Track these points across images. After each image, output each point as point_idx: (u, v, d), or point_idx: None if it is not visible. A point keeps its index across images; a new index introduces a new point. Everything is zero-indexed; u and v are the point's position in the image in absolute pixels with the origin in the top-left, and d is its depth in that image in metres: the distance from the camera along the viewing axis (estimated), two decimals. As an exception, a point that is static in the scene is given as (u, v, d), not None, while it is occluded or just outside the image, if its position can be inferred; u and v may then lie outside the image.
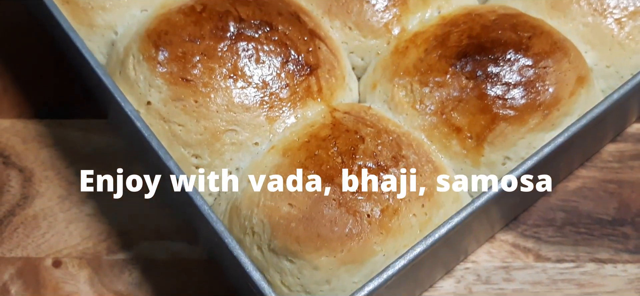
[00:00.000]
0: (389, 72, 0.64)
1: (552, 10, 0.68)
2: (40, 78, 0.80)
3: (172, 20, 0.61)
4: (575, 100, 0.60)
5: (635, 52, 0.66)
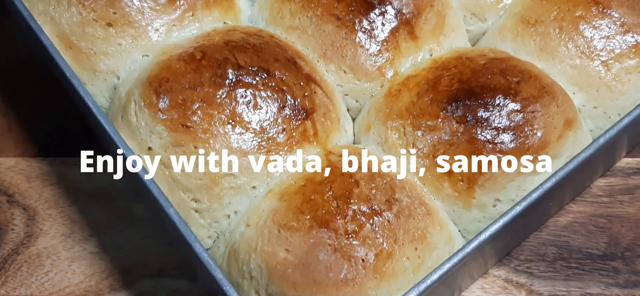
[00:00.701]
0: (383, 115, 0.66)
1: (540, 53, 0.70)
2: (43, 116, 0.82)
3: (173, 67, 0.63)
4: (563, 143, 0.62)
5: (622, 94, 0.68)
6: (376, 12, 0.69)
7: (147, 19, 0.69)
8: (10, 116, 0.82)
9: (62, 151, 0.79)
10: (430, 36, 0.71)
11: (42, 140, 0.80)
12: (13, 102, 0.84)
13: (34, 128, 0.81)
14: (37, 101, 0.83)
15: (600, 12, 0.70)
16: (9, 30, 0.90)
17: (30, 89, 0.84)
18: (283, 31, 0.72)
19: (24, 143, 0.80)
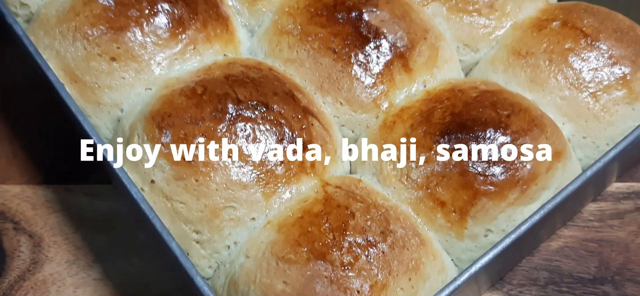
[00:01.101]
0: (378, 146, 0.68)
1: (531, 84, 0.73)
2: (48, 144, 0.84)
3: (175, 102, 0.65)
4: (552, 175, 0.64)
5: (610, 124, 0.71)
6: (371, 46, 0.72)
7: (150, 53, 0.71)
8: (16, 143, 0.85)
9: (66, 178, 0.81)
10: (424, 68, 0.73)
11: (47, 167, 0.82)
12: (18, 130, 0.86)
13: (38, 156, 0.83)
14: (42, 129, 0.85)
15: (588, 44, 0.72)
16: (12, 58, 0.92)
17: (35, 117, 0.86)
18: (281, 64, 0.74)
19: (29, 170, 0.82)
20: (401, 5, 0.75)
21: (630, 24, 0.76)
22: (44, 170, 0.82)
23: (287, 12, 0.77)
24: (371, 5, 0.73)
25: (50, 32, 0.73)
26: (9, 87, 0.89)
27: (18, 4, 0.81)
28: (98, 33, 0.71)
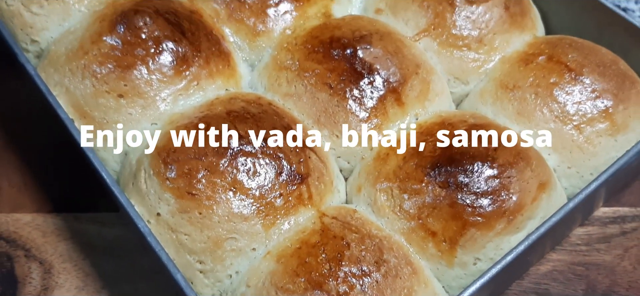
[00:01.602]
0: (372, 177, 0.72)
1: (518, 116, 0.76)
2: (57, 173, 0.88)
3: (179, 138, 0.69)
4: (538, 205, 0.68)
5: (594, 155, 0.74)
6: (365, 81, 0.75)
7: (156, 89, 0.75)
8: (26, 173, 0.88)
9: (75, 207, 0.85)
10: (416, 102, 0.77)
11: (57, 196, 0.86)
12: (28, 160, 0.90)
13: (48, 185, 0.87)
14: (51, 159, 0.89)
15: (572, 79, 0.76)
16: (23, 89, 0.96)
17: (45, 148, 0.90)
18: (280, 98, 0.78)
19: (40, 199, 0.86)
20: (394, 42, 0.79)
21: (613, 57, 0.80)
22: (53, 199, 0.85)
23: (285, 48, 0.81)
24: (365, 43, 0.77)
25: (60, 69, 0.77)
26: (20, 118, 0.93)
27: (29, 41, 0.85)
28: (106, 71, 0.75)
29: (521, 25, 0.83)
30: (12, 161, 0.89)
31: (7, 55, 0.90)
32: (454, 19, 0.81)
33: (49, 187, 0.87)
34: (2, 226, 0.83)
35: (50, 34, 0.83)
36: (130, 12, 0.77)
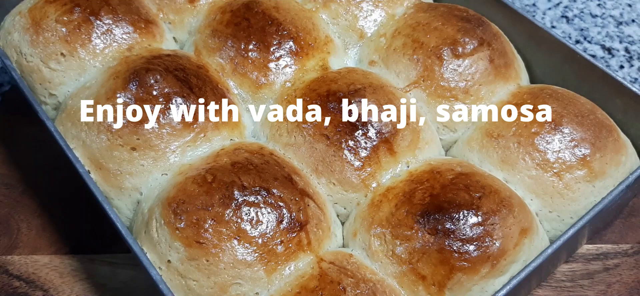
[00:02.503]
0: (367, 223, 0.77)
1: (502, 164, 0.81)
2: (73, 218, 0.93)
3: (188, 190, 0.74)
4: (520, 250, 0.73)
5: (573, 200, 0.79)
6: (359, 133, 0.81)
7: (166, 142, 0.81)
8: (44, 218, 0.94)
9: (90, 249, 0.90)
10: (407, 150, 0.82)
11: (73, 239, 0.92)
12: (46, 205, 0.95)
13: (65, 229, 0.93)
14: (68, 204, 0.95)
15: (552, 128, 0.81)
16: (40, 137, 1.02)
17: (61, 193, 0.96)
18: (281, 148, 0.83)
19: (57, 242, 0.92)
20: (386, 95, 0.84)
21: (591, 107, 0.85)
22: (70, 241, 0.91)
23: (286, 100, 0.86)
24: (359, 96, 0.83)
25: (77, 124, 0.83)
26: (38, 165, 0.99)
27: (47, 94, 0.91)
28: (119, 126, 0.80)
29: (505, 76, 0.89)
30: (30, 206, 0.95)
31: (23, 103, 0.96)
32: (441, 72, 0.87)
33: (66, 230, 0.92)
34: (22, 268, 0.89)
35: (67, 88, 0.90)
36: (142, 70, 0.84)
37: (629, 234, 0.93)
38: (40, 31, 0.91)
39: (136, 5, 0.96)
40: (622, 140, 0.84)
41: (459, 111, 0.87)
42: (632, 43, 1.26)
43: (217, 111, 0.84)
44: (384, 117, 0.82)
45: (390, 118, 0.82)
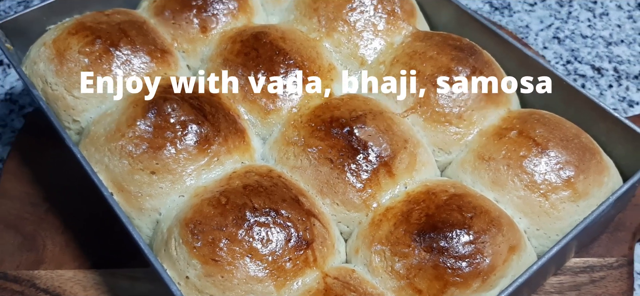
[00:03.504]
0: (368, 241, 0.83)
1: (493, 185, 0.88)
2: (95, 234, 1.00)
3: (204, 211, 0.81)
4: (509, 265, 0.79)
5: (559, 219, 0.85)
6: (361, 157, 0.87)
7: (182, 166, 0.87)
8: (68, 234, 1.01)
9: (111, 264, 0.97)
10: (405, 173, 0.89)
11: (95, 255, 0.98)
12: (70, 222, 1.02)
13: (88, 245, 0.99)
14: (89, 221, 1.01)
15: (539, 152, 0.87)
16: (62, 159, 1.09)
17: (83, 211, 1.02)
18: (288, 170, 0.90)
19: (80, 257, 0.98)
20: (384, 120, 0.91)
21: (576, 131, 0.91)
22: (92, 256, 0.98)
23: (292, 125, 0.93)
24: (360, 122, 0.90)
25: (100, 149, 0.90)
26: (61, 185, 1.06)
27: (71, 120, 0.98)
28: (140, 151, 0.87)
29: (496, 102, 0.96)
30: (54, 223, 1.02)
31: (46, 126, 1.03)
32: (437, 98, 0.94)
33: (88, 246, 0.99)
34: (48, 282, 0.96)
35: (89, 115, 0.97)
36: (159, 99, 0.90)
37: (615, 248, 0.99)
38: (64, 62, 0.98)
39: (152, 35, 1.03)
40: (604, 162, 0.90)
41: (453, 135, 0.93)
42: (621, 63, 1.32)
43: (229, 136, 0.91)
44: (383, 141, 0.89)
45: (389, 142, 0.89)
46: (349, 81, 1.03)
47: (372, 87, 1.00)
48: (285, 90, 0.97)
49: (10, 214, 1.02)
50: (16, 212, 1.02)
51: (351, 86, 1.03)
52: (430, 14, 1.14)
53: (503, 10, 1.43)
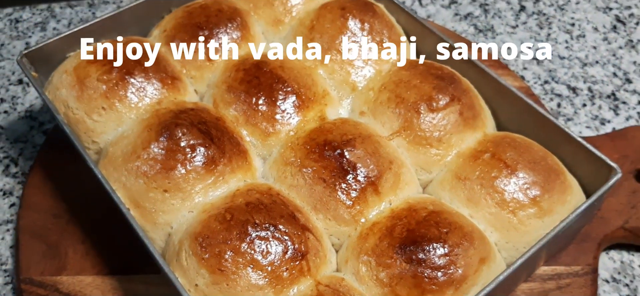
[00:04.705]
0: (356, 252, 0.94)
1: (468, 202, 0.98)
2: (112, 243, 1.10)
3: (211, 226, 0.92)
4: (479, 275, 0.90)
5: (526, 233, 0.96)
6: (350, 177, 0.98)
7: (191, 185, 0.98)
8: (87, 243, 1.11)
9: (127, 270, 1.07)
10: (389, 191, 0.99)
11: (112, 262, 1.09)
12: (89, 232, 1.13)
13: (105, 253, 1.10)
14: (107, 232, 1.12)
15: (509, 173, 0.98)
16: (81, 174, 1.19)
17: (101, 222, 1.13)
18: (286, 188, 1.01)
19: (99, 264, 1.09)
20: (372, 143, 1.01)
21: (543, 154, 1.02)
22: (109, 264, 1.08)
23: (289, 147, 1.04)
24: (350, 145, 1.00)
25: (118, 169, 1.01)
26: (81, 198, 1.16)
27: (90, 142, 1.08)
28: (154, 172, 0.98)
29: (473, 126, 1.06)
30: (75, 233, 1.12)
31: (66, 143, 1.13)
32: (419, 123, 1.04)
33: (106, 254, 1.09)
34: (70, 287, 1.06)
35: (107, 137, 1.07)
36: (171, 125, 1.01)
37: (581, 257, 1.09)
38: (84, 88, 1.08)
39: (164, 64, 1.13)
40: (568, 181, 1.01)
41: (433, 156, 1.04)
42: (595, 83, 1.43)
43: (233, 157, 1.02)
44: (370, 162, 0.99)
45: (376, 163, 1.00)
46: (341, 105, 1.13)
47: (362, 112, 1.10)
48: (283, 114, 1.07)
49: (36, 225, 1.13)
50: (41, 223, 1.13)
51: (343, 110, 1.13)
52: (416, 42, 1.24)
53: (487, 32, 1.53)
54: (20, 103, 1.39)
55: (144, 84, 1.09)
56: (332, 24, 1.17)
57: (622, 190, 1.15)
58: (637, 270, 1.12)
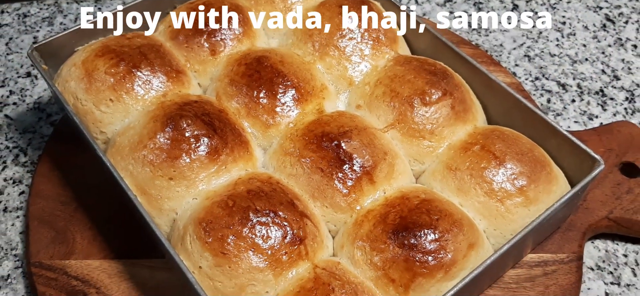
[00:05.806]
0: (351, 238, 0.99)
1: (458, 191, 1.03)
2: (118, 229, 1.15)
3: (214, 212, 0.96)
4: (468, 260, 0.95)
5: (512, 221, 1.01)
6: (347, 167, 1.03)
7: (195, 173, 1.03)
8: (94, 230, 1.16)
9: (133, 255, 1.11)
10: (384, 180, 1.04)
11: (118, 247, 1.13)
12: (96, 219, 1.17)
13: (112, 238, 1.14)
14: (113, 218, 1.16)
15: (497, 164, 1.03)
16: (88, 164, 1.24)
17: (108, 209, 1.18)
18: (285, 177, 1.05)
19: (106, 249, 1.13)
20: (368, 135, 1.06)
21: (530, 146, 1.07)
22: (115, 249, 1.13)
23: (289, 138, 1.09)
24: (347, 137, 1.05)
25: (126, 158, 1.05)
26: (88, 186, 1.21)
27: (98, 132, 1.13)
28: (160, 160, 1.03)
29: (464, 119, 1.11)
30: (82, 220, 1.17)
31: (73, 135, 1.17)
32: (413, 116, 1.09)
33: (113, 239, 1.14)
34: (78, 270, 1.11)
35: (114, 127, 1.12)
36: (176, 116, 1.06)
37: (566, 245, 1.14)
38: (92, 81, 1.13)
39: (168, 58, 1.18)
40: (554, 173, 1.06)
41: (426, 148, 1.09)
42: (584, 79, 1.48)
43: (235, 147, 1.07)
44: (366, 153, 1.04)
45: (371, 154, 1.05)
46: (338, 99, 1.18)
47: (358, 106, 1.15)
48: (283, 107, 1.12)
49: (45, 212, 1.18)
50: (50, 210, 1.18)
51: (340, 103, 1.18)
52: (411, 40, 1.29)
53: (480, 30, 1.58)
54: (28, 96, 1.43)
55: (150, 77, 1.14)
56: (331, 21, 1.21)
57: (607, 182, 1.20)
58: (621, 259, 1.17)
